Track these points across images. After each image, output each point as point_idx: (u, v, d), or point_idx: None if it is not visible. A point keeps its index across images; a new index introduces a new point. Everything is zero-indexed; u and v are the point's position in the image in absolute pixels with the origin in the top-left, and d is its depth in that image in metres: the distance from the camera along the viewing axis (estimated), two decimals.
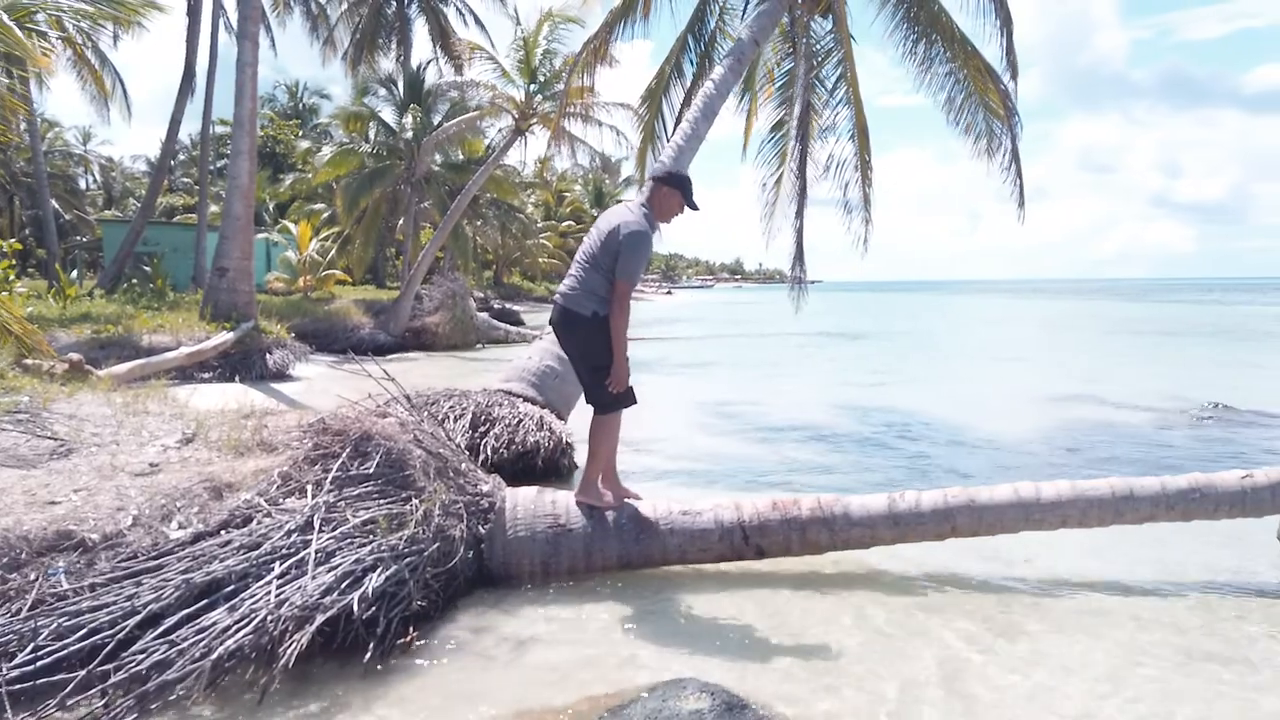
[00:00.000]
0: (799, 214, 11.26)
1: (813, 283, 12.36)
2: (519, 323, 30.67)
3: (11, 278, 16.94)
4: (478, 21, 34.64)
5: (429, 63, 32.90)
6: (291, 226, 30.51)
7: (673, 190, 4.96)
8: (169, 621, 3.72)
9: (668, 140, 11.52)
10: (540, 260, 54.13)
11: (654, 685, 3.47)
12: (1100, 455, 9.41)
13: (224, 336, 14.26)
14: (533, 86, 23.71)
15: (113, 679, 3.47)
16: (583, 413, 8.24)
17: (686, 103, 12.07)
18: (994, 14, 10.17)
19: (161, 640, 3.63)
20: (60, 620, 3.64)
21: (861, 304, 64.69)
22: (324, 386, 13.24)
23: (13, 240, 18.57)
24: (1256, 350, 24.64)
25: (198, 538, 4.18)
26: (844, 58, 10.87)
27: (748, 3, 11.67)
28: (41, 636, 3.56)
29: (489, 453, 7.03)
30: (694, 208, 5.02)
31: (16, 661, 3.42)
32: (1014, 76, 10.25)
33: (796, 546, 5.05)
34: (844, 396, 14.20)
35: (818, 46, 11.18)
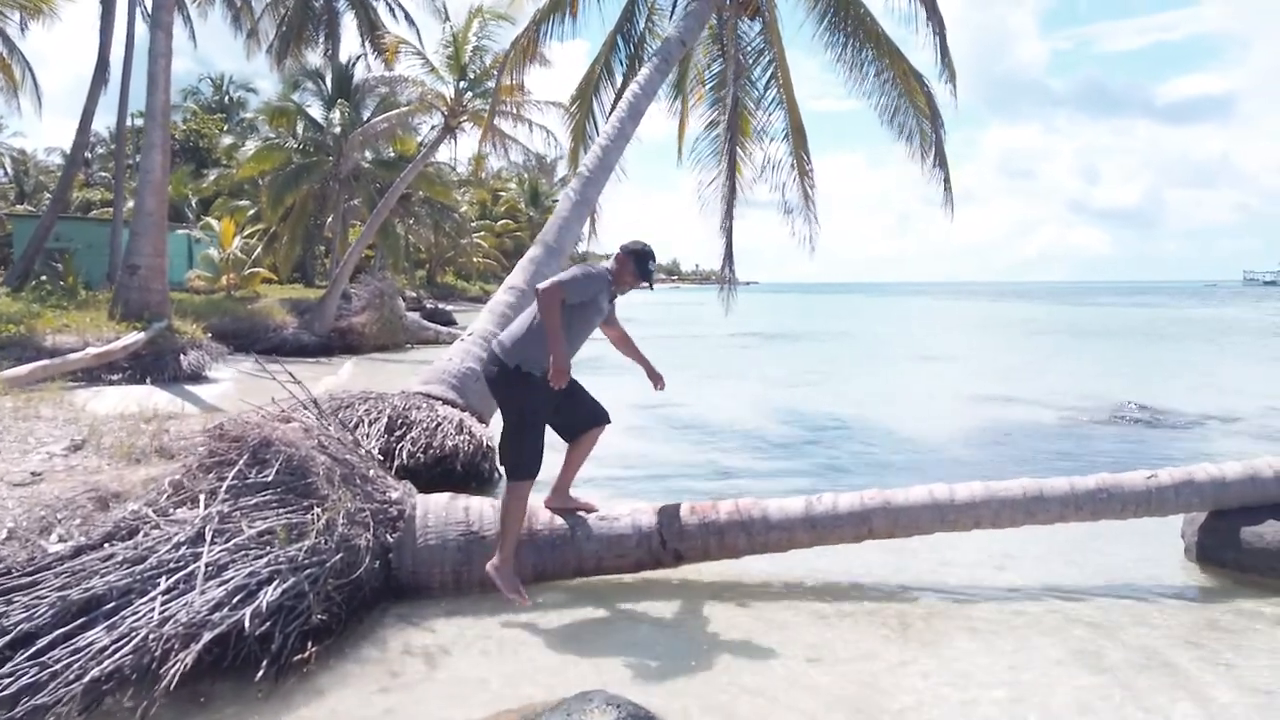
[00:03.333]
0: (728, 215, 11.26)
1: (746, 284, 12.44)
2: (451, 323, 30.19)
3: None
4: (408, 17, 34.03)
5: (358, 58, 32.29)
6: (214, 223, 29.55)
7: (628, 259, 4.82)
8: (42, 642, 3.48)
9: (597, 140, 11.42)
10: (475, 259, 53.55)
11: (561, 700, 3.36)
12: (1019, 455, 9.60)
13: (134, 337, 13.69)
14: (463, 83, 23.39)
15: None
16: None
17: (616, 103, 11.99)
18: (925, 18, 10.29)
19: (32, 662, 3.40)
20: None
21: (793, 305, 65.54)
22: (240, 389, 12.81)
23: None
24: (1169, 351, 25.59)
25: (78, 551, 3.93)
26: (775, 59, 10.91)
27: (676, 4, 11.64)
28: None
29: (404, 458, 6.82)
30: (647, 281, 4.84)
31: None
32: (951, 79, 10.37)
33: (715, 551, 4.99)
34: (772, 397, 14.28)
35: (748, 48, 11.20)
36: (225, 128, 44.98)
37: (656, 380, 5.19)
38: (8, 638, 3.46)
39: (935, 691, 3.83)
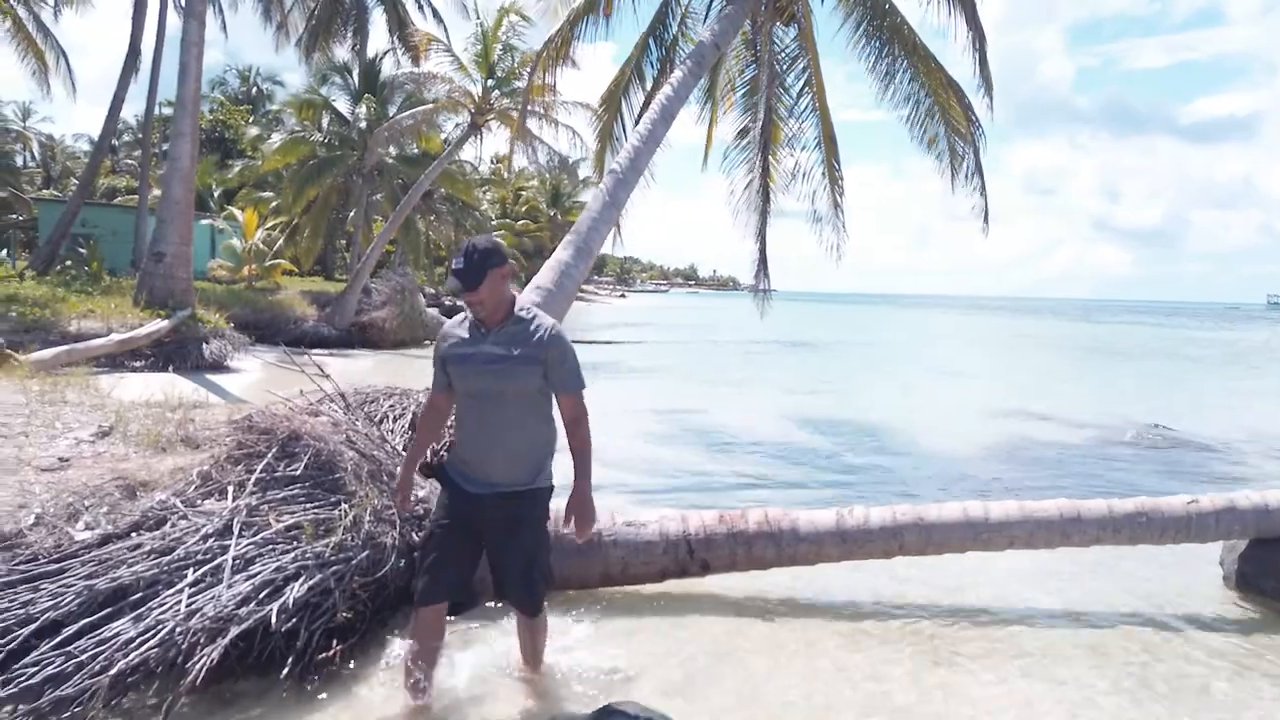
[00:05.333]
0: (762, 222, 11.20)
1: (764, 291, 12.34)
2: None
3: None
4: (436, 14, 34.04)
5: (386, 53, 32.34)
6: (238, 213, 29.70)
7: None
8: (68, 631, 3.44)
9: (626, 142, 11.37)
10: None
11: (589, 711, 3.30)
12: (1044, 473, 9.48)
13: (158, 324, 13.73)
14: (490, 82, 23.40)
15: (1, 692, 3.20)
16: None
17: (646, 106, 11.92)
18: (965, 29, 10.20)
19: (58, 651, 3.36)
20: None
21: (812, 314, 65.24)
22: (263, 380, 12.81)
23: None
24: (1190, 373, 25.30)
25: (105, 540, 3.90)
26: (809, 66, 10.82)
27: (710, 8, 11.57)
28: None
29: (429, 455, 6.76)
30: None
31: None
32: (988, 92, 10.26)
33: (742, 562, 4.91)
34: (793, 407, 14.18)
35: (781, 54, 11.12)
36: (251, 119, 45.24)
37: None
38: (34, 626, 3.42)
39: (970, 713, 3.74)
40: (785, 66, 11.11)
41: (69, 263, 22.04)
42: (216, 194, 39.49)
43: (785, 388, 17.42)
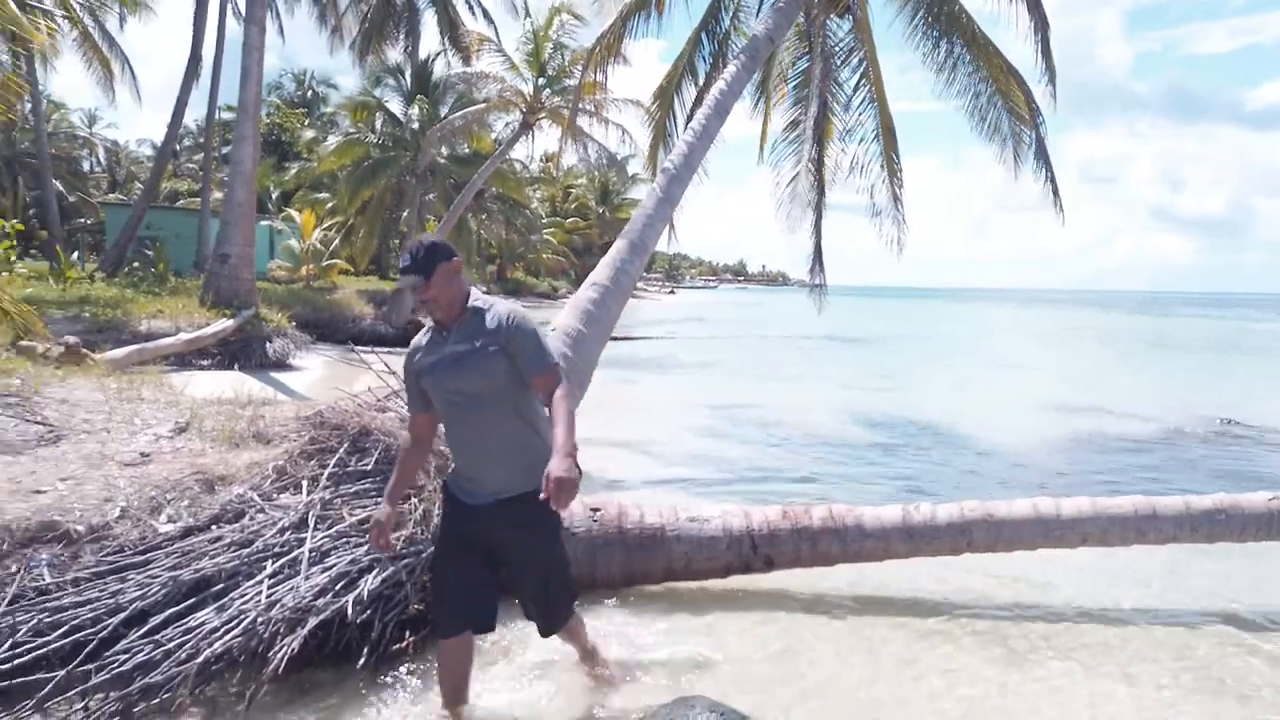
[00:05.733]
0: (817, 217, 11.10)
1: (815, 286, 12.24)
2: None
3: (12, 259, 16.82)
4: (486, 15, 34.34)
5: (437, 54, 32.71)
6: (295, 215, 30.32)
7: None
8: (155, 620, 3.57)
9: (678, 138, 11.36)
10: (544, 256, 53.95)
11: (661, 704, 3.31)
12: (1109, 469, 9.25)
13: (224, 323, 14.09)
14: (541, 80, 23.54)
15: (94, 679, 3.32)
16: (587, 411, 8.11)
17: (698, 102, 11.90)
18: (1027, 17, 10.01)
19: (146, 640, 3.48)
20: (41, 616, 3.49)
21: (866, 309, 64.40)
22: (325, 377, 13.08)
23: (15, 221, 18.44)
24: (1257, 366, 24.49)
25: (187, 532, 4.02)
26: (865, 57, 10.70)
27: (762, 1, 11.49)
28: (20, 633, 3.41)
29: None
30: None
31: None
32: (1051, 80, 10.06)
33: (807, 558, 4.88)
34: (848, 401, 14.04)
35: (836, 46, 11.01)
36: (306, 122, 46.14)
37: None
38: (123, 615, 3.55)
39: (1043, 716, 3.68)
40: (840, 59, 10.99)
41: (136, 264, 22.71)
42: (274, 196, 40.40)
43: (840, 382, 17.26)
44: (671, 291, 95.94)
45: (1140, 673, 4.06)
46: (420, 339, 3.23)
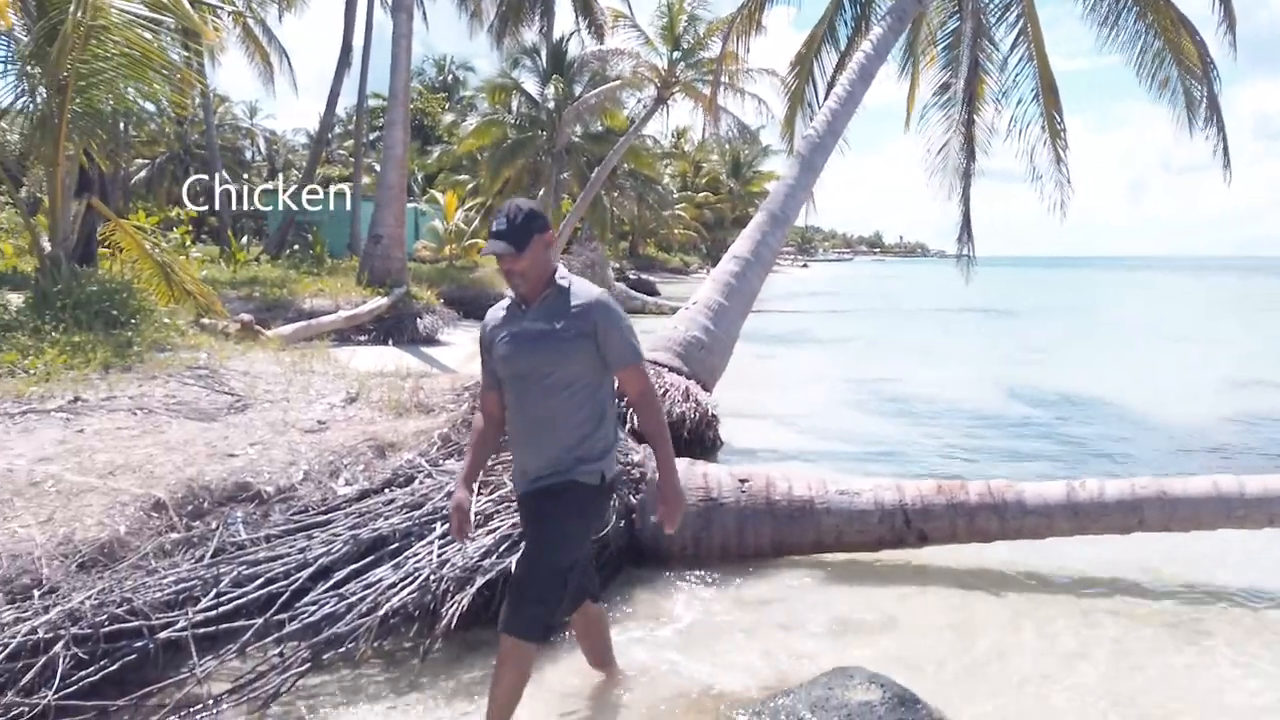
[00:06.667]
0: (966, 183, 10.68)
1: (961, 257, 11.78)
2: (654, 293, 30.65)
3: (188, 243, 18.23)
4: None
5: (572, 33, 33.12)
6: (439, 196, 31.47)
7: None
8: (338, 575, 3.82)
9: (819, 106, 11.13)
10: (676, 231, 54.07)
11: (820, 674, 3.31)
12: None
13: (379, 301, 14.83)
14: (675, 54, 23.50)
15: (288, 628, 3.60)
16: (728, 385, 8.12)
17: (839, 68, 11.62)
18: None
19: (331, 593, 3.73)
20: (239, 569, 3.79)
21: (1013, 280, 61.37)
22: (472, 354, 13.56)
23: (190, 208, 19.91)
24: None
25: (363, 495, 4.29)
26: (1024, 13, 10.17)
27: None
28: (222, 583, 3.72)
29: (634, 423, 6.97)
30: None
31: (201, 606, 3.57)
32: (1231, 29, 9.32)
33: (963, 533, 4.76)
34: (995, 375, 13.49)
35: (989, 4, 10.50)
36: (446, 106, 47.70)
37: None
38: (310, 570, 3.82)
39: (1218, 699, 3.48)
40: (995, 16, 10.49)
41: (296, 247, 24.17)
42: (419, 179, 42.03)
43: (985, 356, 16.60)
44: (804, 265, 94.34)
45: None
46: (496, 311, 3.02)
